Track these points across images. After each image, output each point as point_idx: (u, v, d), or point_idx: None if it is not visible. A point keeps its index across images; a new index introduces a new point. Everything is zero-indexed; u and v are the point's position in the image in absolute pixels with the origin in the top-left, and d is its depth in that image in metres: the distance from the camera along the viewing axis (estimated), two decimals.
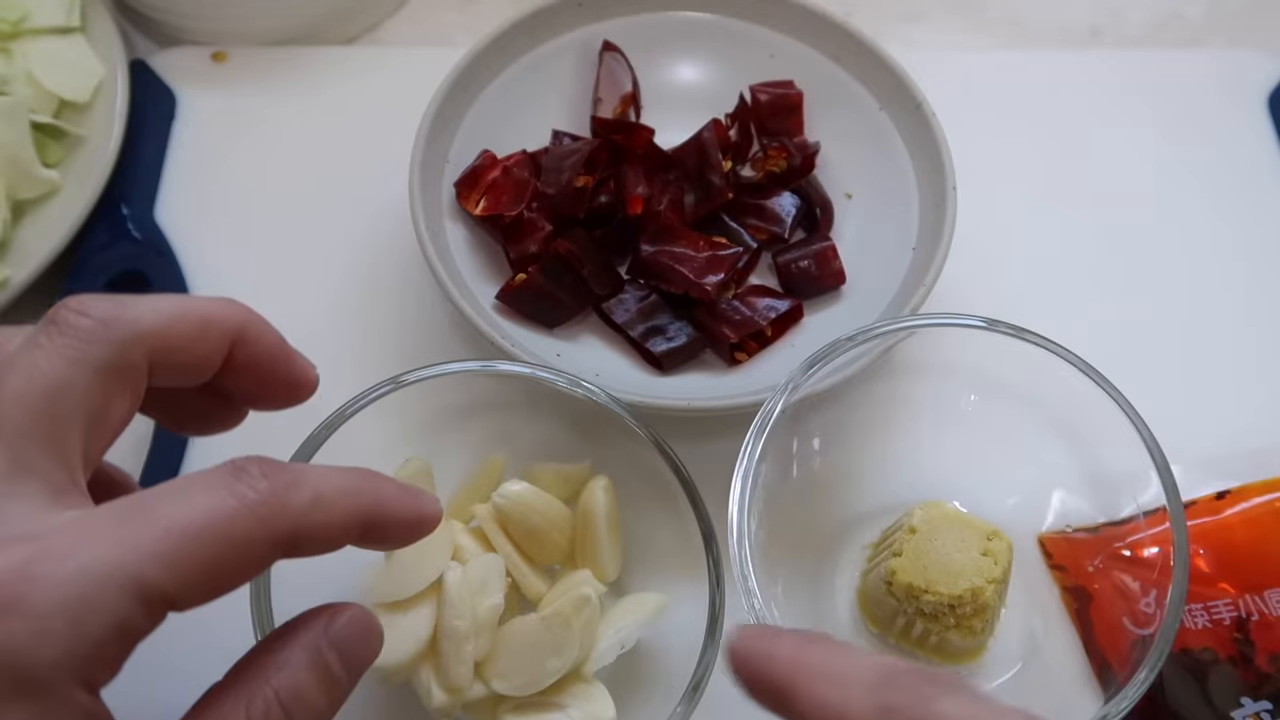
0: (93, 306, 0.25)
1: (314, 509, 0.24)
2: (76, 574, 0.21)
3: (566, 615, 0.38)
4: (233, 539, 0.23)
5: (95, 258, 0.52)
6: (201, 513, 0.23)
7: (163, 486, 0.24)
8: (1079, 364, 0.40)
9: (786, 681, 0.25)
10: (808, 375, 0.40)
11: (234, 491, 0.23)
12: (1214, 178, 0.57)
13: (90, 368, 0.24)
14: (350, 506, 0.25)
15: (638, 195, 0.49)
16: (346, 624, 0.26)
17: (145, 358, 0.25)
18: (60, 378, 0.24)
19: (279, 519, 0.24)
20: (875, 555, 0.43)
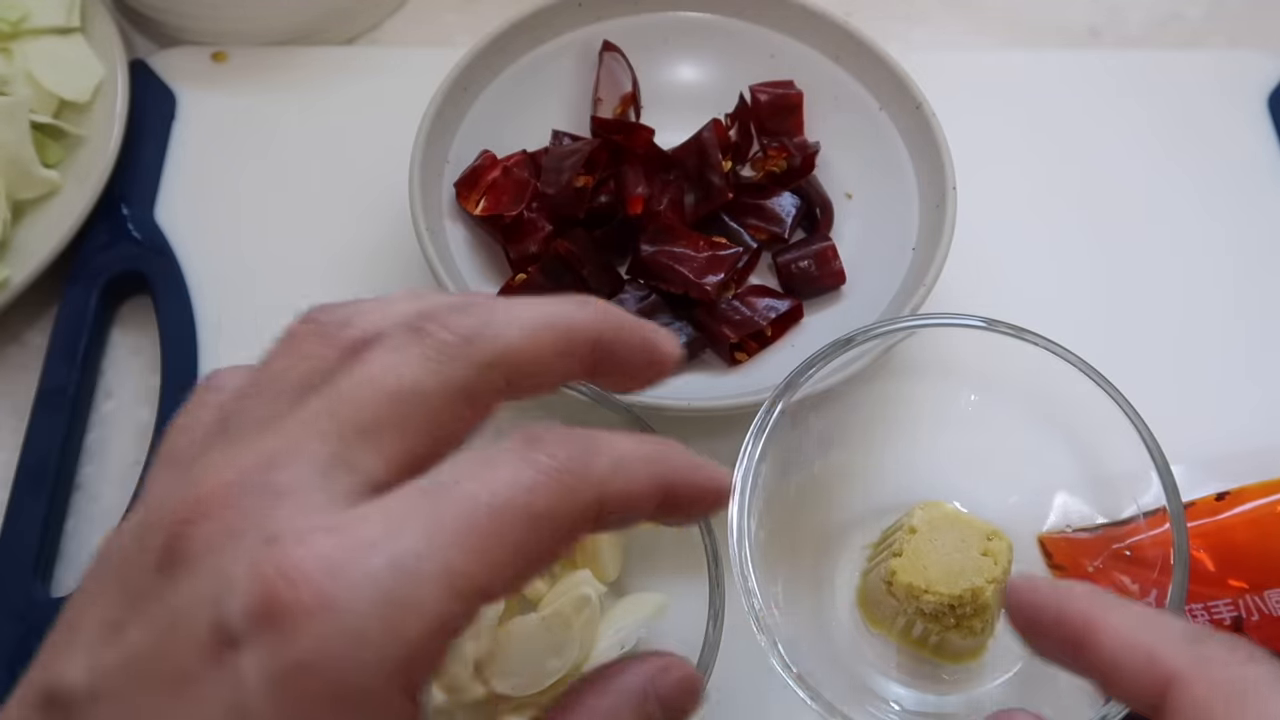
0: (455, 322, 0.23)
1: (616, 475, 0.22)
2: (388, 568, 0.19)
3: (566, 615, 0.38)
4: (540, 514, 0.21)
5: (95, 258, 0.52)
6: (504, 489, 0.21)
7: (457, 463, 0.21)
8: (1079, 364, 0.40)
9: (1084, 620, 0.24)
10: (808, 375, 0.40)
11: (532, 462, 0.21)
12: (1214, 178, 0.57)
13: (445, 384, 0.22)
14: (652, 473, 0.23)
15: (638, 195, 0.49)
16: (677, 683, 0.25)
17: (504, 379, 0.23)
18: (414, 386, 0.22)
19: (584, 487, 0.22)
20: (875, 555, 0.43)
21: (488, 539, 0.20)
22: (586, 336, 0.24)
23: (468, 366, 0.22)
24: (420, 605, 0.19)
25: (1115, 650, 0.24)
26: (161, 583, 0.20)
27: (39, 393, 0.49)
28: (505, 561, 0.21)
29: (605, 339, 0.25)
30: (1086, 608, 0.24)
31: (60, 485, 0.48)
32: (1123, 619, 0.24)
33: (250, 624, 0.19)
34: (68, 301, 0.51)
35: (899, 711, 0.41)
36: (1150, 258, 0.54)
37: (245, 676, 0.19)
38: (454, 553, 0.20)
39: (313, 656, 0.19)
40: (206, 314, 0.51)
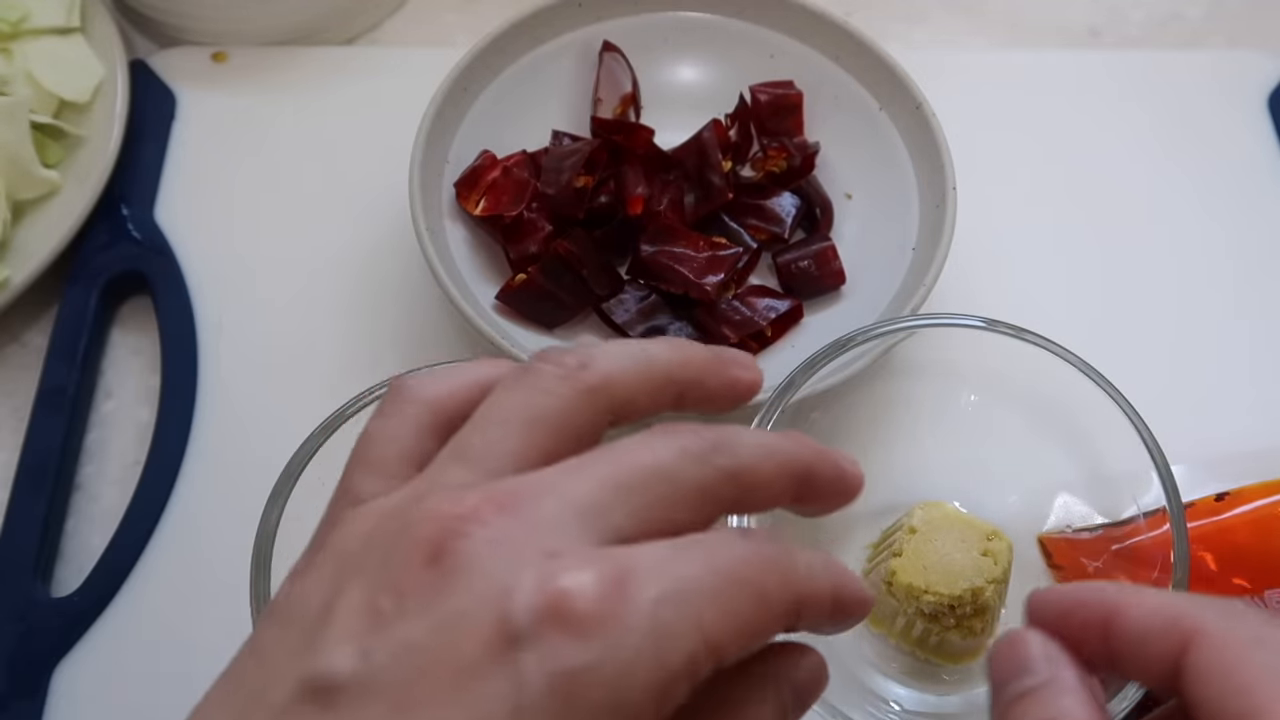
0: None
1: (813, 580, 0.24)
2: (664, 601, 0.21)
3: None
4: (768, 596, 0.22)
5: (95, 258, 0.52)
6: (747, 567, 0.22)
7: (703, 535, 0.23)
8: (1079, 364, 0.40)
9: (1108, 604, 0.25)
10: (808, 375, 0.40)
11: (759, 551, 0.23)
12: (1214, 178, 0.57)
13: (692, 478, 0.24)
14: (828, 580, 0.25)
15: (638, 195, 0.49)
16: (812, 671, 0.26)
17: (731, 495, 0.24)
18: (668, 465, 0.23)
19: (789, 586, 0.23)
20: (875, 555, 0.43)
21: (735, 601, 0.22)
22: (801, 469, 0.26)
23: (713, 471, 0.24)
24: (682, 642, 0.21)
25: (1140, 620, 0.24)
26: (436, 578, 0.21)
27: (39, 393, 0.49)
28: (740, 627, 0.22)
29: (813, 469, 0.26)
30: (1106, 594, 0.25)
31: (60, 485, 0.48)
32: (1146, 596, 0.25)
33: (536, 624, 0.20)
34: (68, 301, 0.51)
35: (899, 711, 0.41)
36: (1150, 258, 0.54)
37: (527, 674, 0.20)
38: (709, 604, 0.21)
39: (594, 665, 0.20)
40: (206, 314, 0.51)
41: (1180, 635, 0.23)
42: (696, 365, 0.26)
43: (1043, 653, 0.25)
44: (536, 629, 0.20)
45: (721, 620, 0.21)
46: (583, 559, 0.21)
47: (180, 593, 0.45)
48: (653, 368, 0.25)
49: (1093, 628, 0.25)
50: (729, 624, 0.21)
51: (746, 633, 0.22)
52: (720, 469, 0.24)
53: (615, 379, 0.25)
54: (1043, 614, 0.26)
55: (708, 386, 0.27)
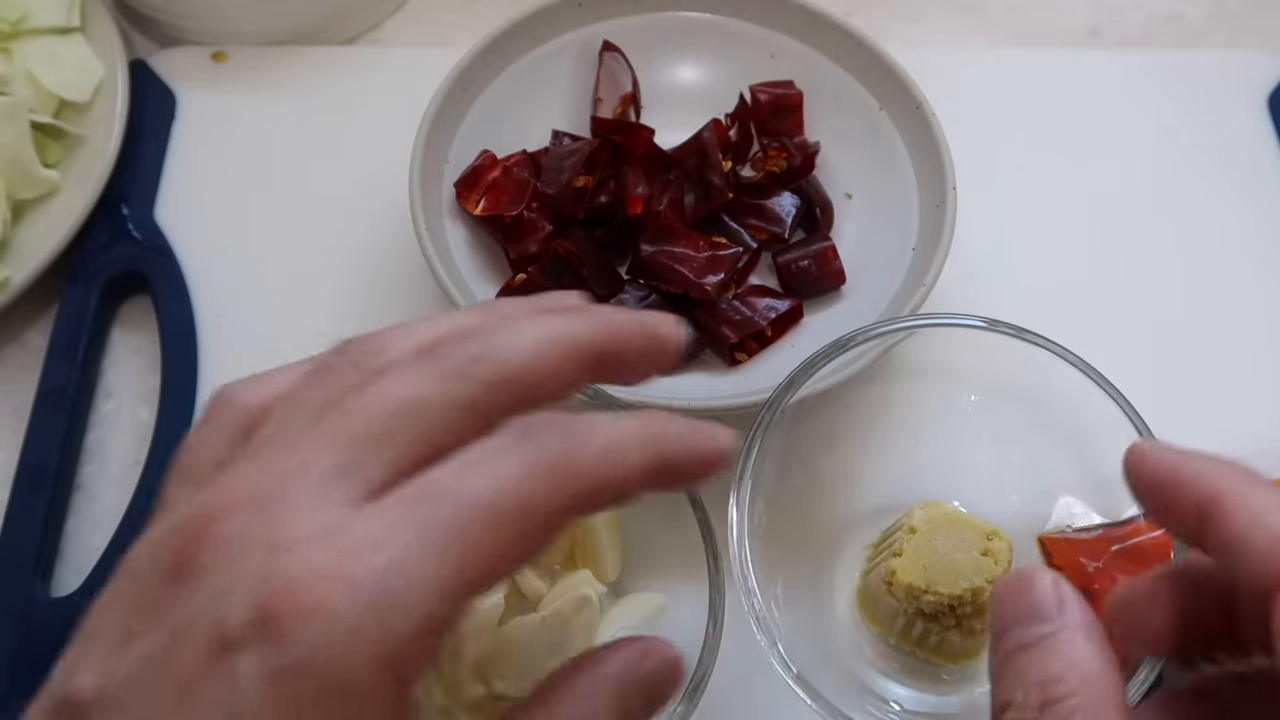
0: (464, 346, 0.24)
1: (606, 460, 0.23)
2: (380, 571, 0.20)
3: (566, 615, 0.38)
4: (530, 508, 0.22)
5: (95, 258, 0.52)
6: (494, 487, 0.22)
7: (450, 464, 0.22)
8: (1079, 364, 0.40)
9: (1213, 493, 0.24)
10: (808, 375, 0.40)
11: (523, 456, 0.22)
12: (1214, 178, 0.57)
13: (449, 397, 0.23)
14: (646, 452, 0.24)
15: (638, 195, 0.49)
16: (657, 667, 0.25)
17: (511, 395, 0.24)
18: (419, 398, 0.23)
19: (575, 477, 0.22)
20: (875, 555, 0.43)
21: (476, 538, 0.21)
22: (589, 349, 0.25)
23: (473, 383, 0.23)
24: (409, 605, 0.20)
25: (1244, 527, 0.23)
26: (171, 592, 0.21)
27: (39, 393, 0.49)
28: (494, 557, 0.22)
29: (608, 347, 0.25)
30: (1216, 480, 0.24)
31: (60, 485, 0.48)
32: (1255, 498, 0.23)
33: (248, 629, 0.20)
34: (68, 301, 0.51)
35: (899, 711, 0.41)
36: (1150, 258, 0.54)
37: (241, 678, 0.20)
38: (441, 554, 0.21)
39: (305, 656, 0.20)
40: (206, 314, 0.51)
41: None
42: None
43: (1054, 596, 0.24)
44: (248, 632, 0.20)
45: (465, 558, 0.21)
46: (300, 549, 0.21)
47: None
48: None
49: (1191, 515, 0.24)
50: (477, 556, 0.21)
51: (510, 552, 0.22)
52: (484, 381, 0.23)
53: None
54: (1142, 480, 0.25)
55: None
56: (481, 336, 0.24)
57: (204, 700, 0.20)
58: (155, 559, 0.22)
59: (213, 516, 0.22)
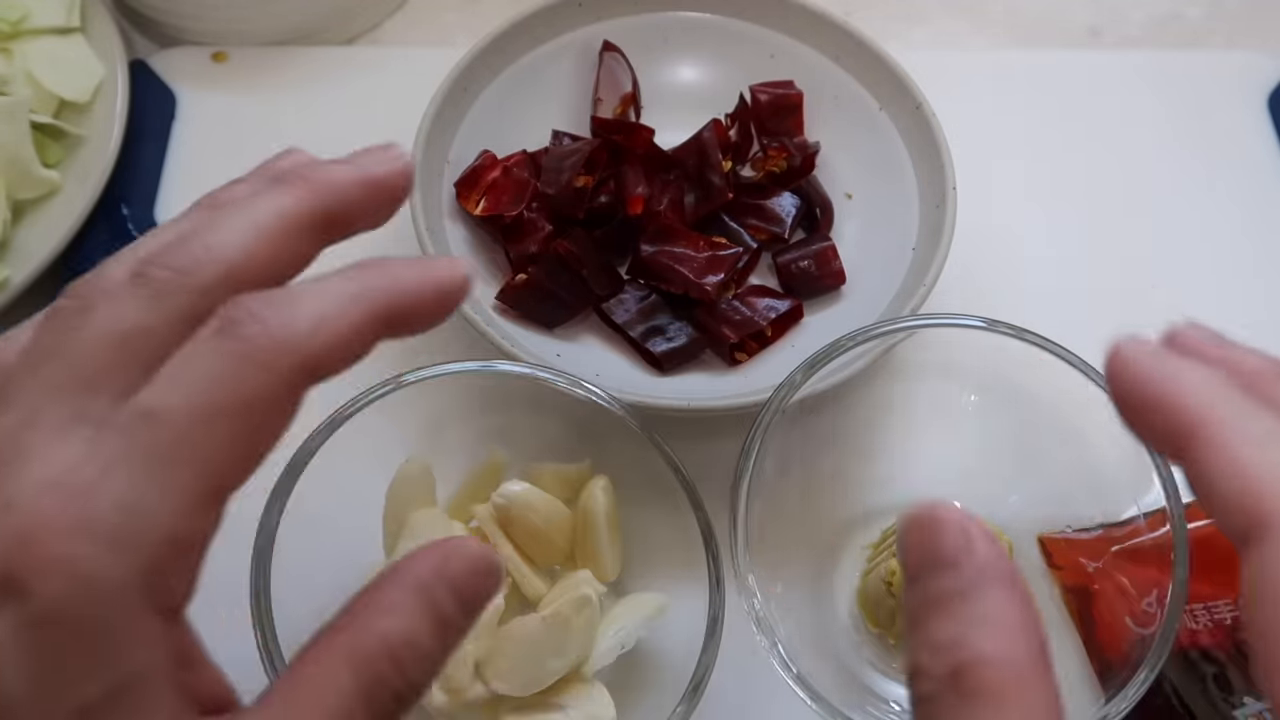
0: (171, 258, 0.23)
1: (320, 330, 0.22)
2: (110, 508, 0.20)
3: (566, 615, 0.38)
4: (246, 401, 0.21)
5: (95, 258, 0.52)
6: (204, 390, 0.21)
7: (160, 378, 0.22)
8: (1079, 364, 0.40)
9: (1196, 420, 0.21)
10: (808, 375, 0.40)
11: (228, 352, 0.21)
12: (1214, 178, 0.57)
13: (167, 315, 0.22)
14: (362, 312, 0.23)
15: (638, 195, 0.49)
16: (466, 565, 0.24)
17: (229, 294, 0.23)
18: (135, 325, 0.22)
19: (286, 357, 0.22)
20: (875, 555, 0.43)
21: (198, 447, 0.21)
22: (307, 220, 0.24)
23: (184, 294, 0.22)
24: (142, 534, 0.20)
25: (1216, 468, 0.21)
26: None
27: None
28: (226, 457, 0.21)
29: (329, 212, 0.25)
30: (1201, 406, 0.22)
31: None
32: (1237, 433, 0.21)
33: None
34: None
35: (899, 711, 0.41)
36: (1150, 258, 0.54)
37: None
38: (166, 474, 0.21)
39: (50, 606, 0.20)
40: None
41: (1250, 514, 0.20)
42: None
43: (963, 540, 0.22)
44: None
45: (192, 470, 0.21)
46: (31, 502, 0.20)
47: None
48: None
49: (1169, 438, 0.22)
50: (214, 459, 0.21)
51: (239, 448, 0.21)
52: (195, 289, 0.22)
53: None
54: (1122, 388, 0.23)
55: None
56: (190, 241, 0.23)
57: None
58: None
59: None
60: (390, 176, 0.26)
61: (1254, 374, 0.24)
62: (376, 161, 0.26)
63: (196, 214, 0.26)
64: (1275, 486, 0.20)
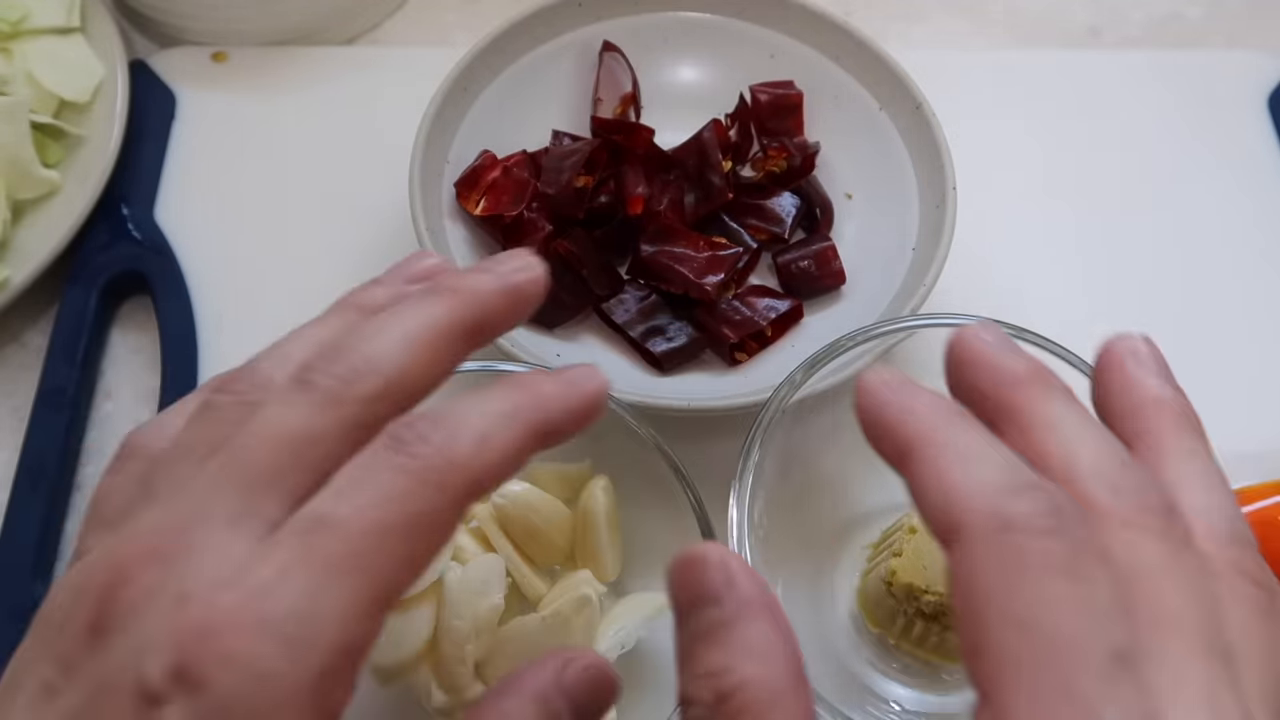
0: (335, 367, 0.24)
1: (483, 450, 0.23)
2: (287, 610, 0.21)
3: (566, 615, 0.38)
4: (416, 517, 0.22)
5: (95, 258, 0.52)
6: (376, 507, 0.22)
7: (330, 490, 0.22)
8: (1080, 364, 0.40)
9: (912, 436, 0.23)
10: (808, 375, 0.40)
11: (398, 468, 0.22)
12: (1214, 178, 0.57)
13: (334, 424, 0.23)
14: (521, 429, 0.24)
15: (638, 195, 0.49)
16: (581, 673, 0.25)
17: (393, 403, 0.24)
18: (303, 431, 0.23)
19: (453, 477, 0.23)
20: (875, 555, 0.43)
21: (371, 559, 0.22)
22: (458, 330, 0.25)
23: (351, 405, 0.23)
24: (318, 639, 0.21)
25: (922, 479, 0.23)
26: (92, 646, 0.22)
27: (39, 393, 0.49)
28: (393, 572, 0.22)
29: (477, 321, 0.26)
30: (921, 429, 0.24)
31: (60, 485, 0.48)
32: (948, 447, 0.23)
33: (169, 682, 0.20)
34: (68, 301, 0.51)
35: (899, 711, 0.41)
36: (1150, 258, 0.54)
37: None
38: (341, 582, 0.21)
39: (225, 700, 0.20)
40: (206, 314, 0.51)
41: (949, 523, 0.22)
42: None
43: (721, 573, 0.23)
44: (170, 686, 0.20)
45: (361, 582, 0.21)
46: (207, 598, 0.21)
47: None
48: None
49: (893, 457, 0.24)
50: (374, 576, 0.21)
51: (407, 563, 0.22)
52: (361, 399, 0.23)
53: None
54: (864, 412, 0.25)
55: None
56: (349, 350, 0.24)
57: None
58: (73, 610, 0.22)
59: (119, 568, 0.22)
60: (529, 283, 0.26)
61: (1012, 382, 0.26)
62: (515, 269, 0.26)
63: (341, 316, 0.27)
64: (968, 498, 0.22)
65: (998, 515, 0.21)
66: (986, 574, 0.21)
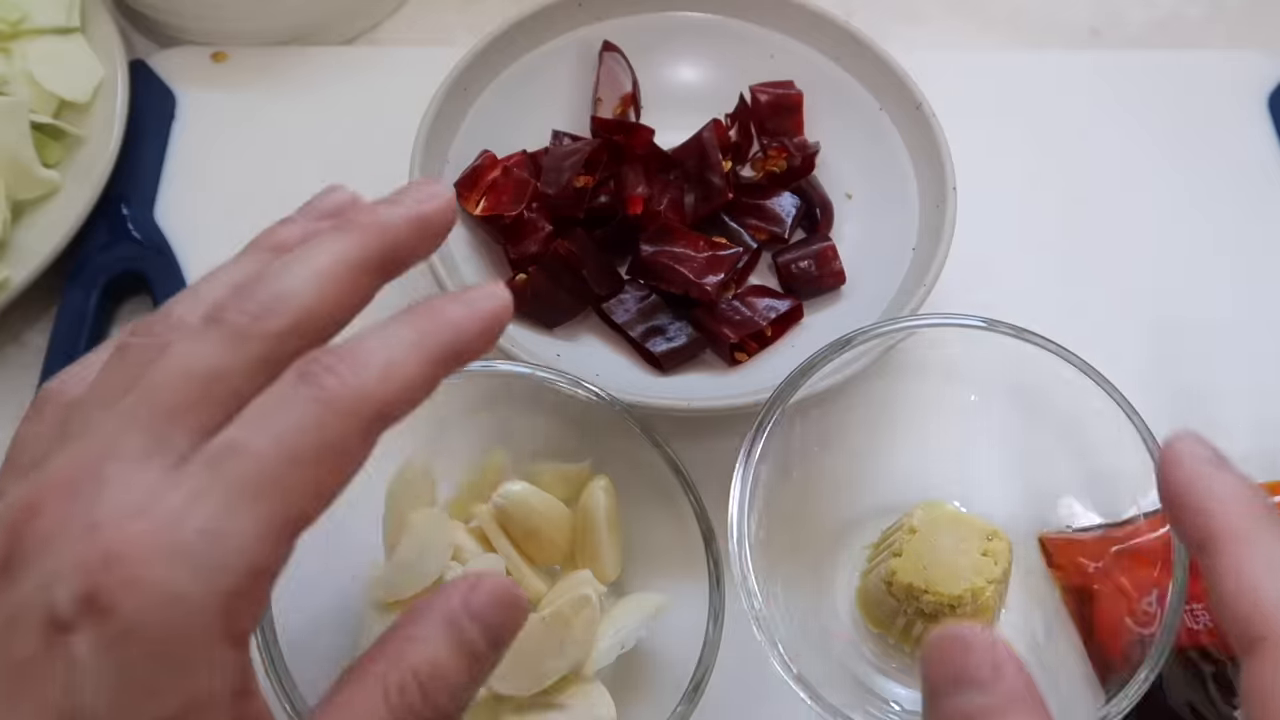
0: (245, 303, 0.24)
1: (390, 378, 0.24)
2: (193, 536, 0.21)
3: (566, 615, 0.38)
4: (325, 445, 0.23)
5: (95, 258, 0.52)
6: (285, 436, 0.22)
7: (242, 420, 0.23)
8: (1079, 364, 0.40)
9: (1216, 534, 0.23)
10: (808, 375, 0.40)
11: (307, 399, 0.23)
12: (1214, 178, 0.57)
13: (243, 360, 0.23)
14: (424, 356, 0.24)
15: (638, 195, 0.49)
16: (488, 595, 0.25)
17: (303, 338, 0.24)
18: (212, 367, 0.23)
19: (362, 406, 0.23)
20: (875, 555, 0.43)
21: (280, 483, 0.22)
22: (369, 263, 0.26)
23: (261, 340, 0.24)
24: (227, 562, 0.21)
25: (1224, 583, 0.23)
26: (3, 580, 0.22)
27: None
28: (303, 496, 0.22)
29: (387, 253, 0.26)
30: (1228, 518, 0.23)
31: None
32: (1252, 554, 0.23)
33: (78, 608, 0.21)
34: (68, 301, 0.51)
35: (899, 711, 0.41)
36: (1150, 257, 0.54)
37: (77, 654, 0.21)
38: (250, 506, 0.22)
39: (133, 624, 0.21)
40: None
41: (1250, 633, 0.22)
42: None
43: (990, 659, 0.23)
44: (78, 611, 0.21)
45: (272, 506, 0.22)
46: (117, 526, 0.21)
47: None
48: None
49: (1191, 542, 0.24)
50: (283, 501, 0.22)
51: (317, 490, 0.23)
52: (271, 334, 0.24)
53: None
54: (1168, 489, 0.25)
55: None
56: (259, 288, 0.24)
57: (42, 680, 0.21)
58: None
59: (31, 506, 0.22)
60: (437, 213, 0.27)
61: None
62: (421, 199, 0.27)
63: (254, 257, 0.28)
64: (1271, 611, 0.22)
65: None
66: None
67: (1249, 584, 0.23)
